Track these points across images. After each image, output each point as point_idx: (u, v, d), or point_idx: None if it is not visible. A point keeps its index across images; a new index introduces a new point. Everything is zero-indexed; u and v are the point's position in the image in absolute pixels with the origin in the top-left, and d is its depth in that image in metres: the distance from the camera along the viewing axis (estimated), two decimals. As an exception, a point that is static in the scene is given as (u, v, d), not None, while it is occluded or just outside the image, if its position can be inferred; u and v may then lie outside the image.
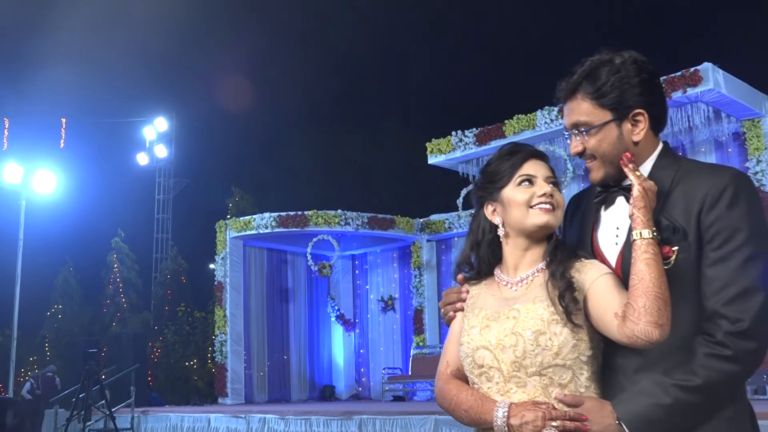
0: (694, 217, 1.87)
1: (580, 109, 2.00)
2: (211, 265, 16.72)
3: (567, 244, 2.05)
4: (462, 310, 2.09)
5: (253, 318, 15.62)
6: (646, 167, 2.00)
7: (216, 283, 15.55)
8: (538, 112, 11.86)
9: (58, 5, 25.79)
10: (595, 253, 2.04)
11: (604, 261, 2.00)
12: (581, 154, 2.04)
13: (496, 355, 1.91)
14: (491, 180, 2.06)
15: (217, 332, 15.23)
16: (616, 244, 2.00)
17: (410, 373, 14.50)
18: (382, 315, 16.50)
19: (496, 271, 2.08)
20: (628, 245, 1.89)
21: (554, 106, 11.07)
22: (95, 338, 14.26)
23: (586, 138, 2.00)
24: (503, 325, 1.93)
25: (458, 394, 1.98)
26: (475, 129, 12.79)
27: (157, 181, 24.83)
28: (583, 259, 1.97)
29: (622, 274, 1.91)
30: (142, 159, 24.46)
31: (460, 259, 2.15)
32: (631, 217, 1.88)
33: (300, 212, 14.84)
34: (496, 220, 2.05)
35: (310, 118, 29.83)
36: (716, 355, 1.78)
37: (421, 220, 15.72)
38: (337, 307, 16.74)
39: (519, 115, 12.18)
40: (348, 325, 16.79)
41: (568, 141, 2.07)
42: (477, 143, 12.58)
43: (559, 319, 1.87)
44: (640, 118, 1.98)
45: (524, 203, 1.99)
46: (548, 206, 1.98)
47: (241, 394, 14.85)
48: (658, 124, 2.03)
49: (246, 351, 15.23)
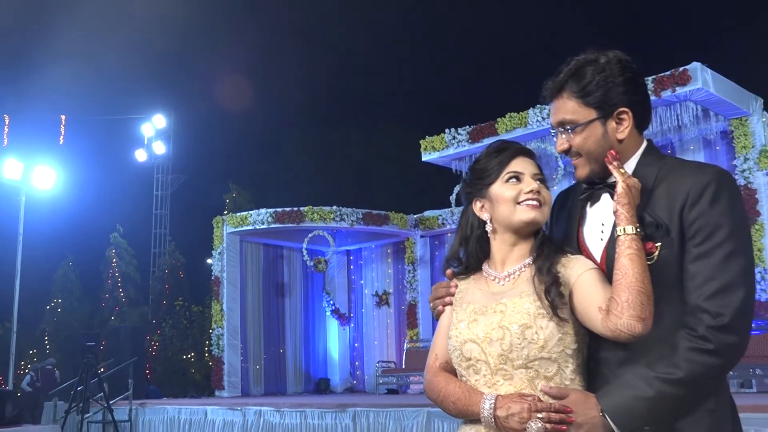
0: (677, 213, 1.87)
1: (566, 107, 2.01)
2: (209, 260, 16.71)
3: (553, 239, 2.06)
4: (451, 304, 2.10)
5: (250, 312, 15.61)
6: (631, 164, 2.01)
7: (213, 278, 15.54)
8: (530, 111, 11.87)
9: (58, 4, 25.74)
10: (580, 249, 2.04)
11: (589, 256, 2.00)
12: (567, 152, 2.04)
13: (483, 348, 1.92)
14: (479, 177, 2.06)
15: (214, 326, 15.22)
16: (601, 239, 2.01)
17: (404, 367, 14.50)
18: (377, 309, 16.51)
19: (484, 266, 2.08)
20: (613, 241, 1.90)
21: (546, 105, 11.09)
22: (94, 332, 14.24)
23: (572, 136, 2.01)
24: (490, 318, 1.93)
25: (446, 386, 1.99)
26: (468, 127, 12.80)
27: (155, 178, 24.79)
28: (569, 255, 1.98)
29: (607, 270, 1.92)
30: (141, 155, 24.43)
31: (449, 255, 2.16)
32: (615, 213, 1.89)
33: (296, 208, 14.84)
34: (485, 216, 2.05)
35: (307, 116, 29.82)
36: (698, 348, 1.79)
37: (415, 216, 15.72)
38: (332, 302, 16.74)
39: (511, 114, 12.18)
40: (343, 320, 16.80)
41: (555, 139, 2.07)
42: (470, 141, 12.59)
43: (545, 313, 1.87)
44: (625, 116, 1.98)
45: (512, 200, 1.99)
46: (535, 203, 1.98)
47: (238, 387, 14.85)
48: (642, 122, 2.03)
49: (242, 344, 15.23)
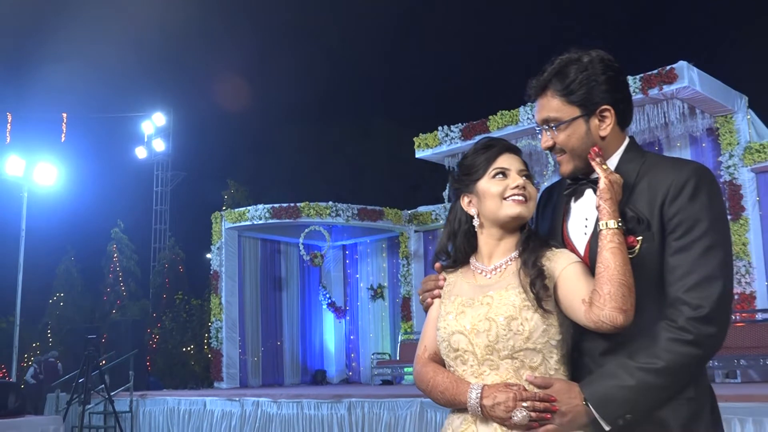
0: (658, 208, 1.89)
1: (550, 105, 2.01)
2: (208, 255, 16.69)
3: (539, 234, 2.07)
4: (439, 296, 2.11)
5: (248, 305, 15.60)
6: (613, 161, 2.02)
7: (212, 272, 15.53)
8: (521, 108, 11.87)
9: (60, 5, 25.67)
10: (565, 243, 2.06)
11: (573, 250, 2.02)
12: (551, 149, 2.05)
13: (470, 340, 1.93)
14: (467, 173, 2.07)
15: (213, 319, 15.21)
16: (585, 234, 2.02)
17: (398, 358, 14.52)
18: (372, 303, 16.51)
19: (472, 260, 2.09)
20: (596, 235, 1.91)
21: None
22: (95, 325, 14.27)
23: (556, 133, 2.01)
24: (477, 311, 1.95)
25: (435, 376, 2.00)
26: (460, 124, 12.81)
27: (155, 174, 24.74)
28: (554, 249, 1.99)
29: (590, 263, 1.93)
30: (141, 153, 24.37)
31: (438, 249, 2.17)
32: (598, 208, 1.90)
33: (293, 204, 14.82)
34: (472, 211, 2.07)
35: (303, 115, 29.78)
36: (678, 339, 1.80)
37: (409, 212, 15.71)
38: (328, 295, 16.75)
39: (502, 111, 12.18)
40: (339, 313, 16.81)
41: (539, 136, 2.08)
42: (462, 138, 12.59)
43: (531, 305, 1.89)
44: (607, 114, 1.99)
45: (498, 195, 2.00)
46: (521, 198, 1.99)
47: (236, 379, 14.85)
48: (624, 120, 2.04)
49: (241, 337, 15.22)
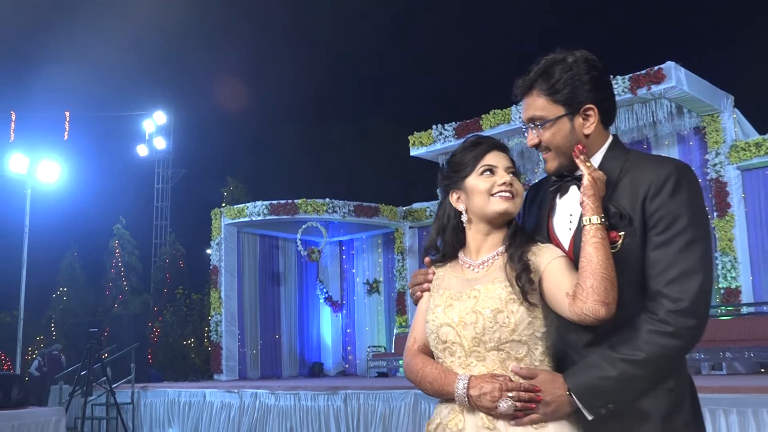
0: (639, 204, 1.90)
1: (536, 104, 2.02)
2: (207, 251, 16.66)
3: (525, 229, 2.08)
4: (428, 290, 2.12)
5: (247, 300, 15.61)
6: (597, 158, 2.03)
7: (212, 267, 15.53)
8: (513, 108, 11.86)
9: (63, 6, 25.60)
10: (550, 238, 2.07)
11: (558, 245, 2.03)
12: (537, 146, 2.05)
13: (458, 332, 1.94)
14: (456, 169, 2.08)
15: (213, 313, 15.21)
16: (570, 229, 2.03)
17: (393, 351, 14.53)
18: (368, 297, 16.52)
19: (460, 255, 2.10)
20: (580, 230, 1.91)
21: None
22: (97, 318, 14.23)
23: (542, 131, 2.02)
24: (465, 304, 1.96)
25: (423, 367, 2.01)
26: (454, 123, 12.81)
27: (156, 172, 24.68)
28: (539, 243, 2.00)
29: (575, 257, 1.94)
30: (142, 150, 24.31)
31: (428, 243, 2.18)
32: (582, 204, 1.91)
33: (290, 201, 14.82)
34: (460, 207, 2.07)
35: (301, 114, 29.74)
36: (658, 331, 1.81)
37: (404, 208, 15.72)
38: (325, 290, 16.74)
39: (495, 110, 12.18)
40: (336, 307, 16.81)
41: (525, 134, 2.09)
42: (456, 136, 12.58)
43: (516, 298, 1.90)
44: (591, 112, 2.00)
45: (486, 191, 2.01)
46: (508, 194, 2.00)
47: (236, 371, 14.85)
48: (607, 119, 2.05)
49: (240, 330, 15.22)
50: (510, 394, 1.83)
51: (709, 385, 6.36)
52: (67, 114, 24.14)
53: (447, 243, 2.12)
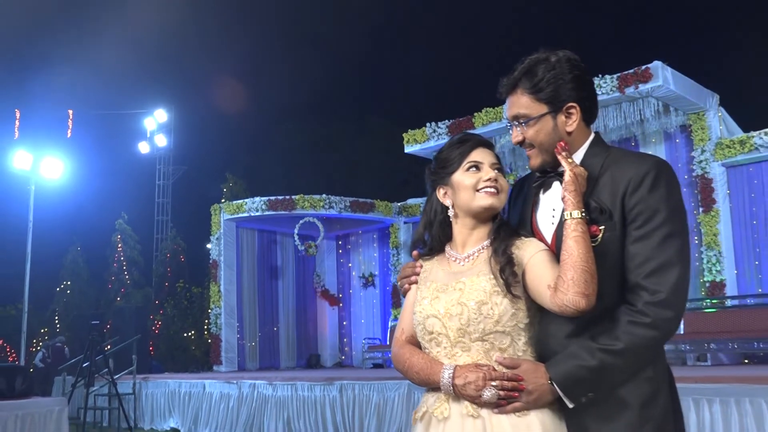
0: (619, 199, 1.90)
1: (520, 102, 2.03)
2: (207, 245, 16.65)
3: (509, 224, 2.09)
4: (416, 283, 2.13)
5: (246, 293, 15.61)
6: (579, 155, 2.03)
7: (211, 262, 15.53)
8: (505, 106, 11.85)
9: (66, 7, 25.53)
10: (534, 232, 2.07)
11: (541, 239, 2.03)
12: (521, 143, 2.06)
13: (444, 323, 1.95)
14: (443, 166, 2.09)
15: (213, 306, 15.21)
16: (552, 223, 2.03)
17: (388, 343, 14.54)
18: (363, 290, 16.54)
19: (447, 248, 2.11)
20: (562, 224, 1.92)
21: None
22: (100, 311, 14.22)
23: (525, 129, 2.03)
24: (450, 296, 1.97)
25: (411, 357, 2.02)
26: (447, 121, 12.81)
27: (157, 168, 24.63)
28: (523, 237, 2.01)
29: (557, 251, 1.94)
30: (144, 147, 24.25)
31: (415, 237, 2.20)
32: (563, 199, 1.91)
33: (288, 196, 14.82)
34: (447, 202, 2.08)
35: (299, 112, 29.69)
36: (637, 322, 1.82)
37: (399, 204, 15.73)
38: (322, 283, 16.76)
39: (487, 109, 12.18)
40: (332, 300, 16.82)
41: (510, 132, 2.10)
42: (449, 134, 12.58)
43: (500, 290, 1.91)
44: (573, 110, 2.00)
45: (471, 187, 2.02)
46: (493, 190, 2.01)
47: (235, 363, 14.86)
48: (589, 116, 2.05)
49: (239, 323, 15.23)
50: (493, 383, 1.84)
51: (693, 376, 6.38)
52: (71, 112, 24.06)
53: (434, 237, 2.13)
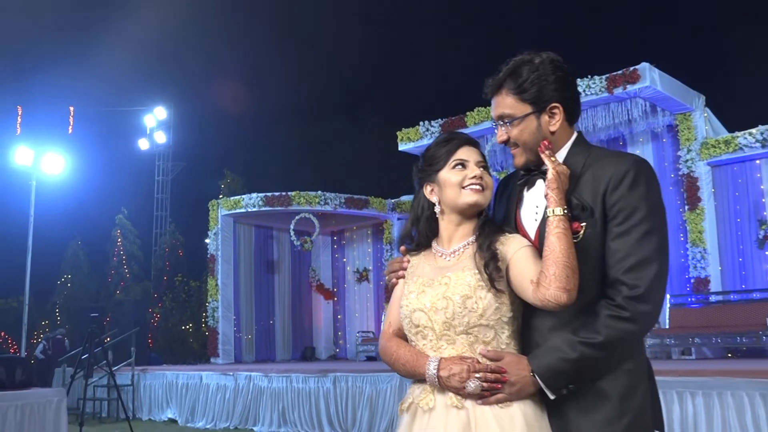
0: (600, 196, 1.91)
1: (505, 102, 2.03)
2: (205, 240, 16.64)
3: (494, 220, 2.10)
4: (403, 277, 2.13)
5: (243, 287, 15.60)
6: (562, 154, 2.04)
7: (209, 256, 15.51)
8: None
9: (67, 5, 25.44)
10: (518, 228, 2.08)
11: (525, 235, 2.04)
12: (506, 142, 2.07)
13: (429, 317, 1.96)
14: (430, 163, 2.10)
15: (210, 299, 15.20)
16: (536, 220, 2.04)
17: (382, 337, 14.55)
18: (358, 285, 16.54)
19: (433, 244, 2.12)
20: (545, 221, 1.93)
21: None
22: (99, 304, 14.19)
23: (510, 128, 2.04)
24: (436, 290, 1.97)
25: (397, 350, 2.03)
26: (440, 120, 12.83)
27: (156, 164, 24.60)
28: (507, 234, 2.02)
29: (540, 247, 1.94)
30: (143, 144, 24.21)
31: (403, 233, 2.20)
32: (546, 196, 1.92)
33: (284, 193, 14.81)
34: (434, 199, 2.09)
35: (296, 110, 29.68)
36: (616, 316, 1.83)
37: (393, 201, 15.74)
38: (317, 278, 16.76)
39: (479, 108, 12.20)
40: (327, 294, 16.82)
41: (495, 131, 2.10)
42: (442, 132, 12.59)
43: (484, 285, 1.91)
44: (556, 111, 2.01)
45: (457, 184, 2.02)
46: (478, 187, 2.02)
47: (231, 355, 14.86)
48: (572, 116, 2.06)
49: (236, 316, 15.23)
50: (477, 375, 1.85)
51: (677, 369, 6.41)
52: (72, 109, 23.99)
53: (421, 233, 2.14)
